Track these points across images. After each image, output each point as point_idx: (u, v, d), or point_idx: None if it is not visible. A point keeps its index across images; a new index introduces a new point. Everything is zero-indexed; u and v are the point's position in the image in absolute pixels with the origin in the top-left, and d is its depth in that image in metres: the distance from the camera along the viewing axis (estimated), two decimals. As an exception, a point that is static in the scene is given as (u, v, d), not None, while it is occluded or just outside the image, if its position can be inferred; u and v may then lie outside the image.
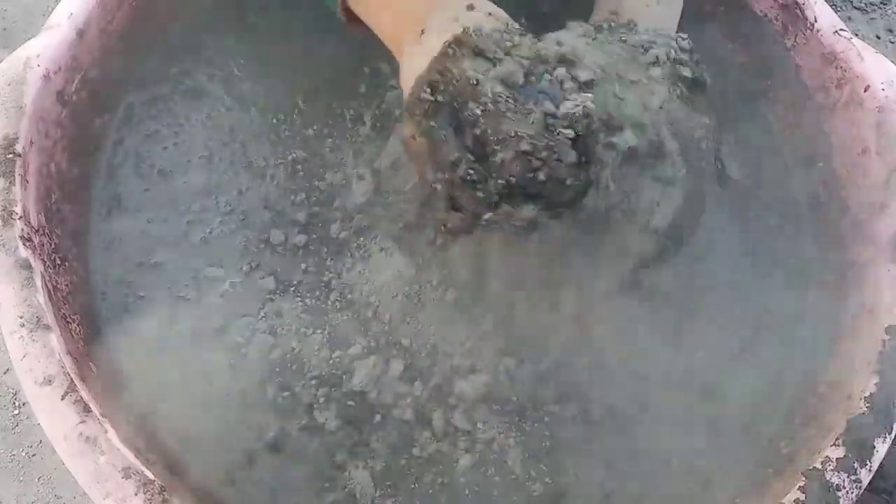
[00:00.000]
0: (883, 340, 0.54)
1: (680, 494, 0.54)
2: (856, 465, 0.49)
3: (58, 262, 0.54)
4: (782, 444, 0.55)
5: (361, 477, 0.53)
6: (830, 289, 0.61)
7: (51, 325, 0.48)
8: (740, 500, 0.53)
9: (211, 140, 0.65)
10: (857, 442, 0.50)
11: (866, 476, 0.49)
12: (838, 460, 0.49)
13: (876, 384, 0.52)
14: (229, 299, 0.58)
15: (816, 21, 0.65)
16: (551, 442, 0.55)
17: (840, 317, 0.59)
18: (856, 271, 0.60)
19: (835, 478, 0.48)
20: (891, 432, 0.50)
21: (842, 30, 0.64)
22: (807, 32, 0.66)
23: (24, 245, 0.50)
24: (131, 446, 0.46)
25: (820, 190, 0.65)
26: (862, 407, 0.51)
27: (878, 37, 1.03)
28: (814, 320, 0.61)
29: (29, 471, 0.71)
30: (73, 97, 0.59)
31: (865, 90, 0.61)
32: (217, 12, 0.70)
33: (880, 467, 0.49)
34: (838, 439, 0.50)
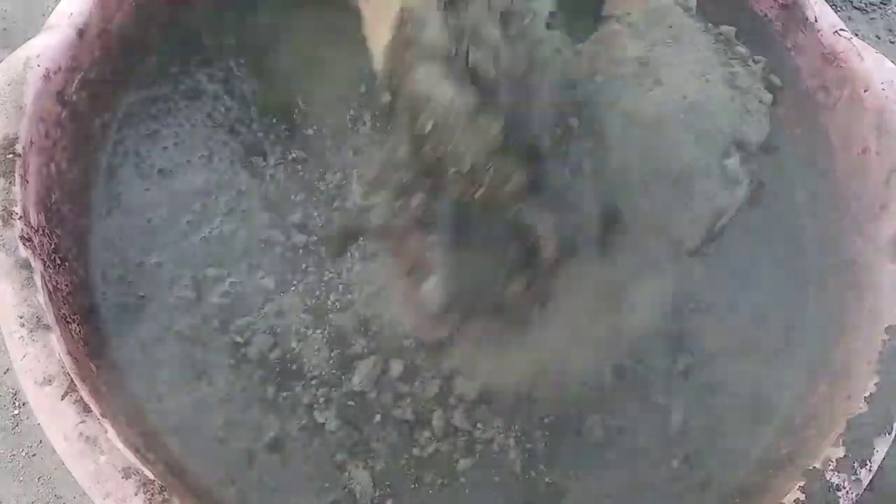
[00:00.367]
0: (883, 340, 0.54)
1: (680, 494, 0.55)
2: (856, 465, 0.49)
3: (58, 262, 0.54)
4: (782, 444, 0.55)
5: (361, 477, 0.53)
6: (830, 289, 0.61)
7: (51, 325, 0.48)
8: (740, 500, 0.53)
9: (211, 140, 0.65)
10: (857, 442, 0.50)
11: (866, 476, 0.49)
12: (838, 460, 0.49)
13: (876, 384, 0.52)
14: (229, 299, 0.58)
15: (816, 21, 0.65)
16: (551, 442, 0.55)
17: (840, 317, 0.59)
18: (856, 271, 0.60)
19: (835, 478, 0.48)
20: (891, 432, 0.50)
21: (842, 30, 0.64)
22: (807, 32, 0.66)
23: (24, 245, 0.50)
24: (131, 446, 0.46)
25: (820, 190, 0.65)
26: (862, 407, 0.51)
27: (878, 37, 1.03)
28: (814, 320, 0.61)
29: (29, 471, 0.71)
30: (73, 97, 0.59)
31: (865, 90, 0.61)
32: (217, 12, 0.70)
33: (880, 467, 0.49)
34: (838, 439, 0.50)
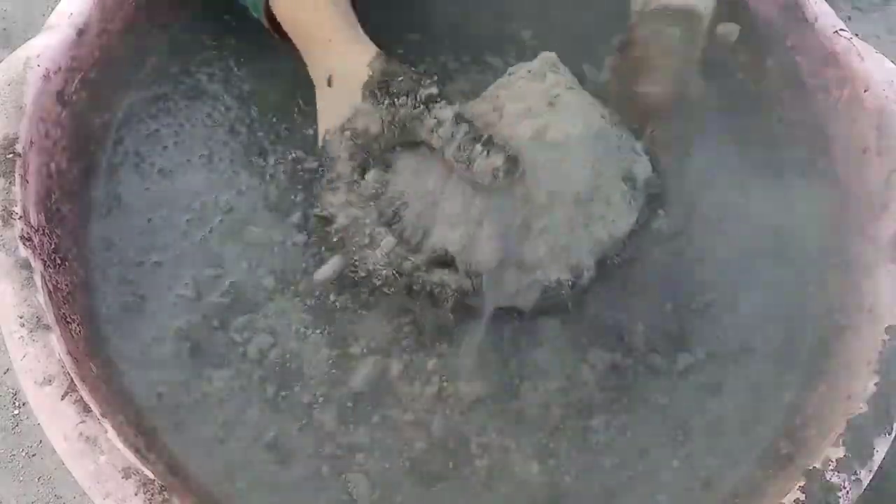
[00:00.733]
0: (883, 340, 0.54)
1: (680, 494, 0.55)
2: (856, 465, 0.49)
3: (58, 261, 0.54)
4: (782, 444, 0.55)
5: (360, 478, 0.53)
6: (830, 289, 0.61)
7: (51, 325, 0.48)
8: (740, 500, 0.53)
9: (211, 139, 0.65)
10: (857, 442, 0.50)
11: (866, 476, 0.49)
12: (838, 460, 0.49)
13: (876, 384, 0.52)
14: (229, 298, 0.58)
15: (816, 21, 0.65)
16: (552, 443, 0.55)
17: (840, 317, 0.59)
18: (856, 271, 0.60)
19: (835, 478, 0.48)
20: (891, 432, 0.50)
21: (842, 30, 0.64)
22: (807, 32, 0.66)
23: (23, 245, 0.50)
24: (131, 446, 0.46)
25: (820, 190, 0.65)
26: (862, 407, 0.51)
27: (878, 37, 1.03)
28: (814, 320, 0.61)
29: (29, 471, 0.71)
30: (73, 97, 0.59)
31: (865, 90, 0.61)
32: (217, 12, 0.70)
33: (880, 467, 0.49)
34: (838, 439, 0.50)
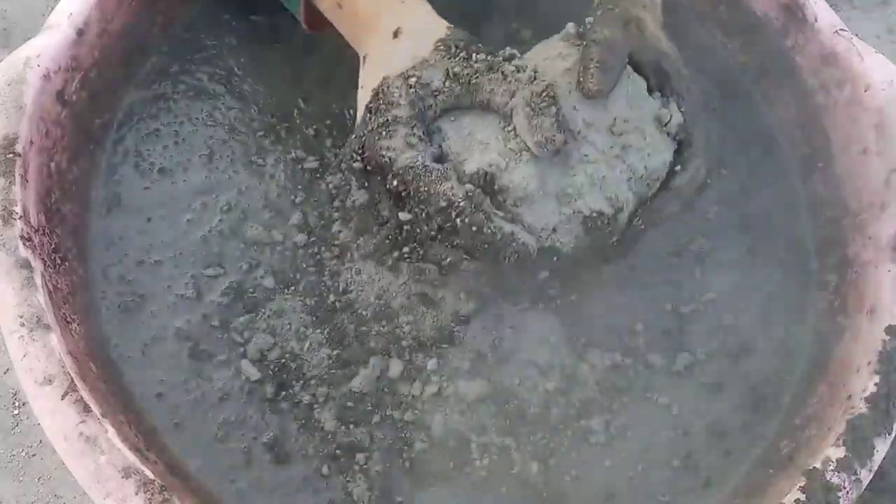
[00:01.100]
0: (883, 340, 0.54)
1: (680, 494, 0.55)
2: (856, 465, 0.49)
3: (58, 261, 0.54)
4: (782, 444, 0.55)
5: (360, 478, 0.53)
6: (830, 289, 0.61)
7: (51, 325, 0.48)
8: (740, 500, 0.53)
9: (211, 139, 0.65)
10: (857, 442, 0.50)
11: (866, 476, 0.49)
12: (838, 460, 0.49)
13: (876, 384, 0.52)
14: (229, 298, 0.58)
15: (816, 21, 0.65)
16: (552, 443, 0.55)
17: (840, 317, 0.59)
18: (856, 271, 0.60)
19: (835, 478, 0.48)
20: (891, 432, 0.50)
21: (842, 30, 0.64)
22: (807, 32, 0.66)
23: (24, 245, 0.50)
24: (131, 446, 0.46)
25: (820, 190, 0.65)
26: (862, 407, 0.51)
27: (878, 37, 1.02)
28: (814, 320, 0.61)
29: (29, 471, 0.71)
30: (73, 97, 0.59)
31: (865, 90, 0.61)
32: (217, 12, 0.70)
33: (880, 467, 0.49)
34: (838, 439, 0.50)
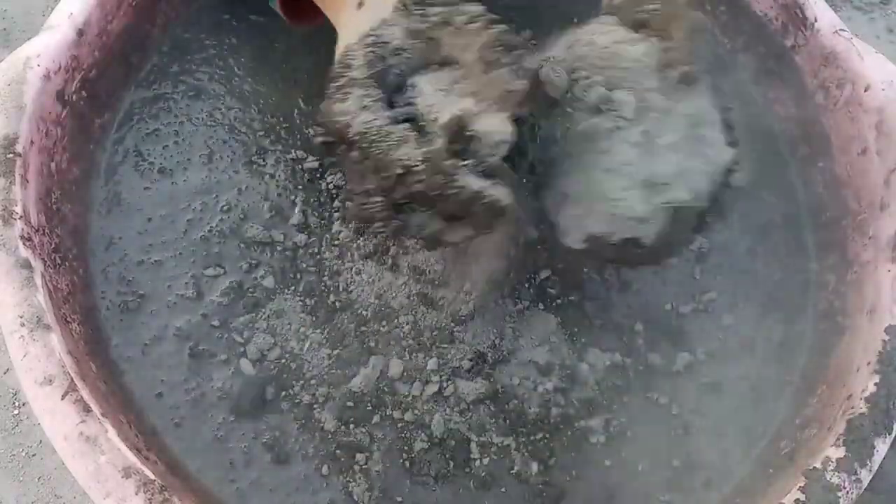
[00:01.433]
0: (883, 340, 0.54)
1: (680, 494, 0.55)
2: (856, 465, 0.49)
3: (58, 261, 0.54)
4: (782, 444, 0.55)
5: (360, 478, 0.53)
6: (830, 289, 0.61)
7: (51, 325, 0.48)
8: (740, 500, 0.53)
9: (211, 139, 0.65)
10: (857, 442, 0.50)
11: (866, 476, 0.49)
12: (838, 460, 0.49)
13: (876, 384, 0.52)
14: (229, 298, 0.58)
15: (816, 21, 0.65)
16: (552, 443, 0.55)
17: (840, 317, 0.59)
18: (856, 271, 0.60)
19: (835, 478, 0.48)
20: (891, 432, 0.50)
21: (842, 30, 0.64)
22: (807, 32, 0.66)
23: (24, 245, 0.50)
24: (131, 446, 0.46)
25: (820, 190, 0.65)
26: (862, 407, 0.51)
27: (878, 37, 1.02)
28: (814, 320, 0.61)
29: (29, 471, 0.71)
30: (73, 97, 0.59)
31: (865, 90, 0.61)
32: (218, 12, 0.70)
33: (880, 467, 0.49)
34: (838, 439, 0.50)
